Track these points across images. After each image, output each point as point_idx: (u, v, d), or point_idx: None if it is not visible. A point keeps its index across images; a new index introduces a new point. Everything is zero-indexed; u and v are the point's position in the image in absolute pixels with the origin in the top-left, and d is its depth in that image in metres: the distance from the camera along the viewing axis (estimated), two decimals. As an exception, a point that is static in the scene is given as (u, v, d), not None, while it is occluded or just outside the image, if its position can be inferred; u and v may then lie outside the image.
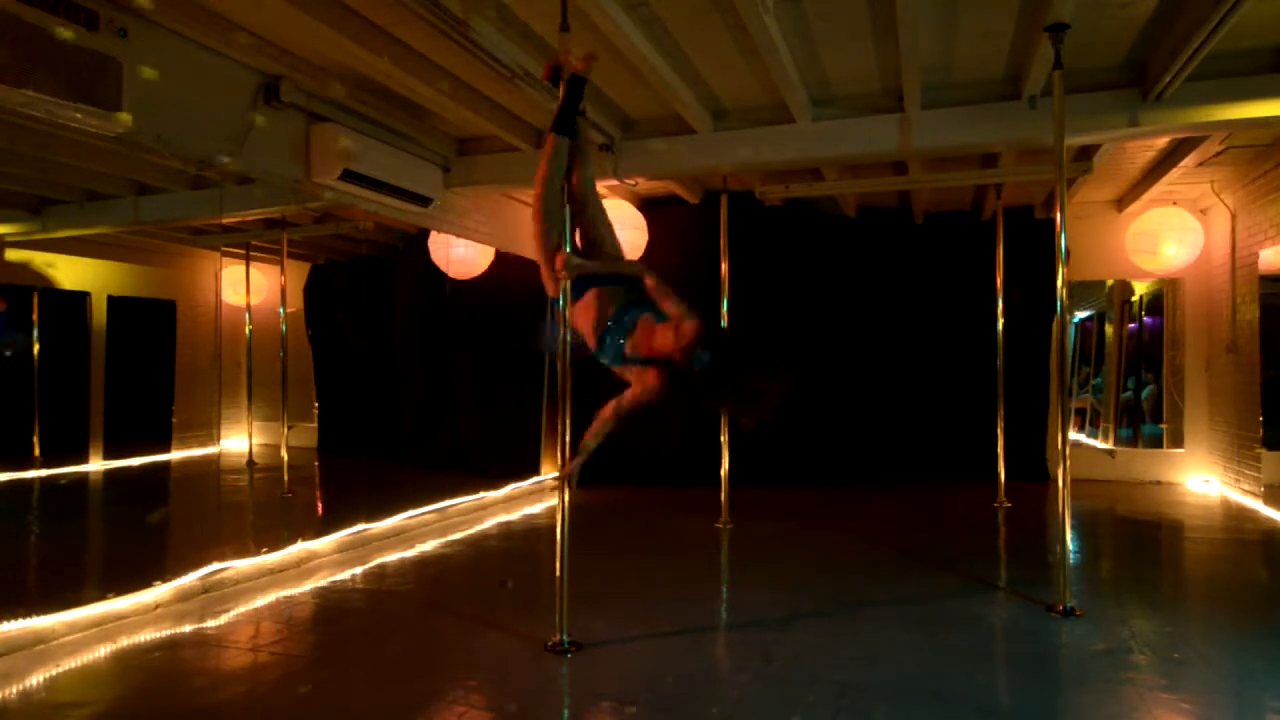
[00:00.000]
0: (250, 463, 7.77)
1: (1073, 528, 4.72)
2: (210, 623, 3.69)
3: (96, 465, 6.75)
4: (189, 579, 4.01)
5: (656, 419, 7.47)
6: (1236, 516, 6.07)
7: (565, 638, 3.32)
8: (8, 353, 6.07)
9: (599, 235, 3.09)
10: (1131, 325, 8.90)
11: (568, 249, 3.05)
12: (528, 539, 5.53)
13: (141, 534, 5.67)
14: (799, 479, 7.45)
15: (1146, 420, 8.62)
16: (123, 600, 3.69)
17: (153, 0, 3.52)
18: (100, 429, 6.72)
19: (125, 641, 3.43)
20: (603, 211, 3.15)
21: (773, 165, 5.53)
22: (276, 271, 7.25)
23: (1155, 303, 8.24)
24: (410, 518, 5.64)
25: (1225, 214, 6.84)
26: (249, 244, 7.24)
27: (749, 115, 5.12)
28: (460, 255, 6.76)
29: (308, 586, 4.29)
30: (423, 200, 5.46)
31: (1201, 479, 7.37)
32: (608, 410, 3.05)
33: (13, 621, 3.29)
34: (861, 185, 6.25)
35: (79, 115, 3.32)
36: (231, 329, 7.59)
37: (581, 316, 2.97)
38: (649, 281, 2.84)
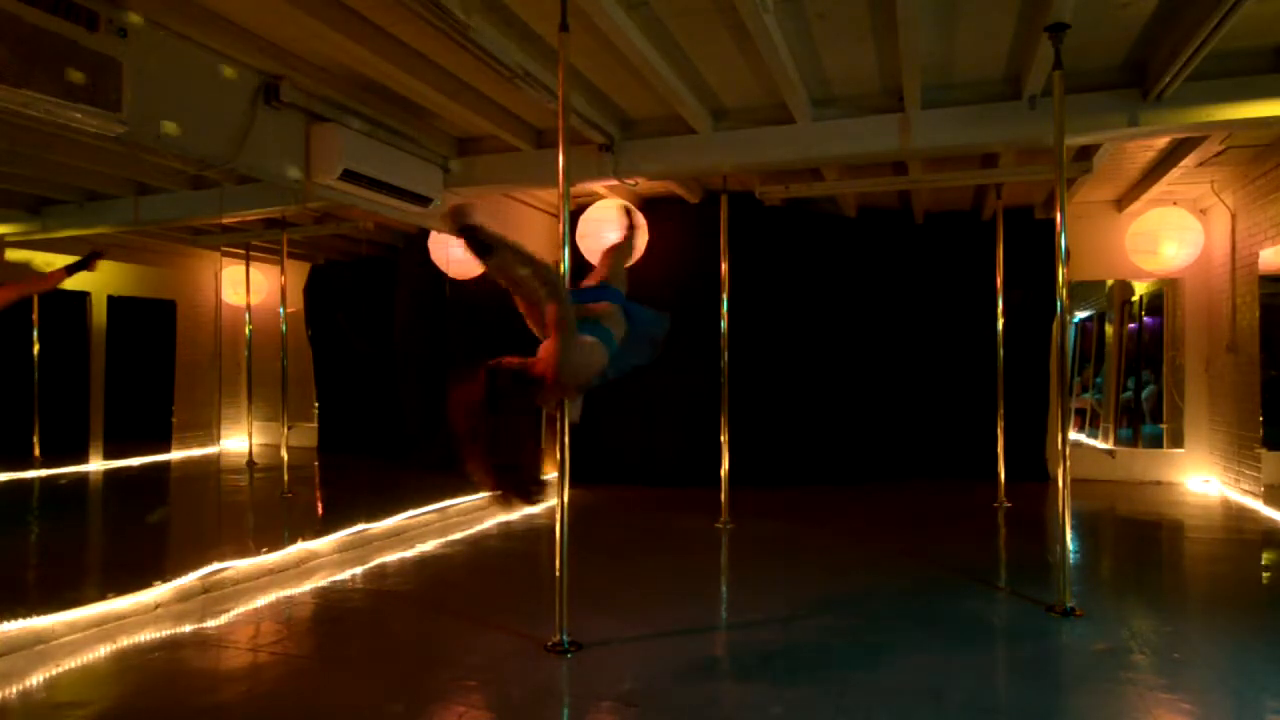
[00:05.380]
0: (250, 463, 7.76)
1: (1073, 528, 4.72)
2: (210, 623, 3.69)
3: (96, 465, 6.74)
4: (189, 579, 4.01)
5: (656, 419, 7.52)
6: (1236, 516, 6.07)
7: (565, 638, 3.32)
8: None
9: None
10: (1131, 325, 8.90)
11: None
12: (528, 539, 5.52)
13: (141, 534, 5.67)
14: (799, 479, 7.45)
15: (1146, 420, 8.62)
16: (123, 600, 3.69)
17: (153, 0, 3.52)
18: (100, 429, 6.71)
19: (125, 641, 3.43)
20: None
21: (773, 165, 5.53)
22: (276, 271, 7.24)
23: (1155, 303, 8.24)
24: (410, 518, 5.64)
25: (1225, 214, 6.84)
26: (249, 244, 7.23)
27: (749, 115, 5.12)
28: (460, 255, 6.74)
29: (308, 586, 4.29)
30: (423, 200, 5.46)
31: (1201, 479, 7.37)
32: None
33: (13, 621, 3.29)
34: (861, 185, 6.25)
35: (79, 115, 3.32)
36: (231, 329, 7.58)
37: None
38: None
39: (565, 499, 3.42)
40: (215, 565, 4.16)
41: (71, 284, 6.52)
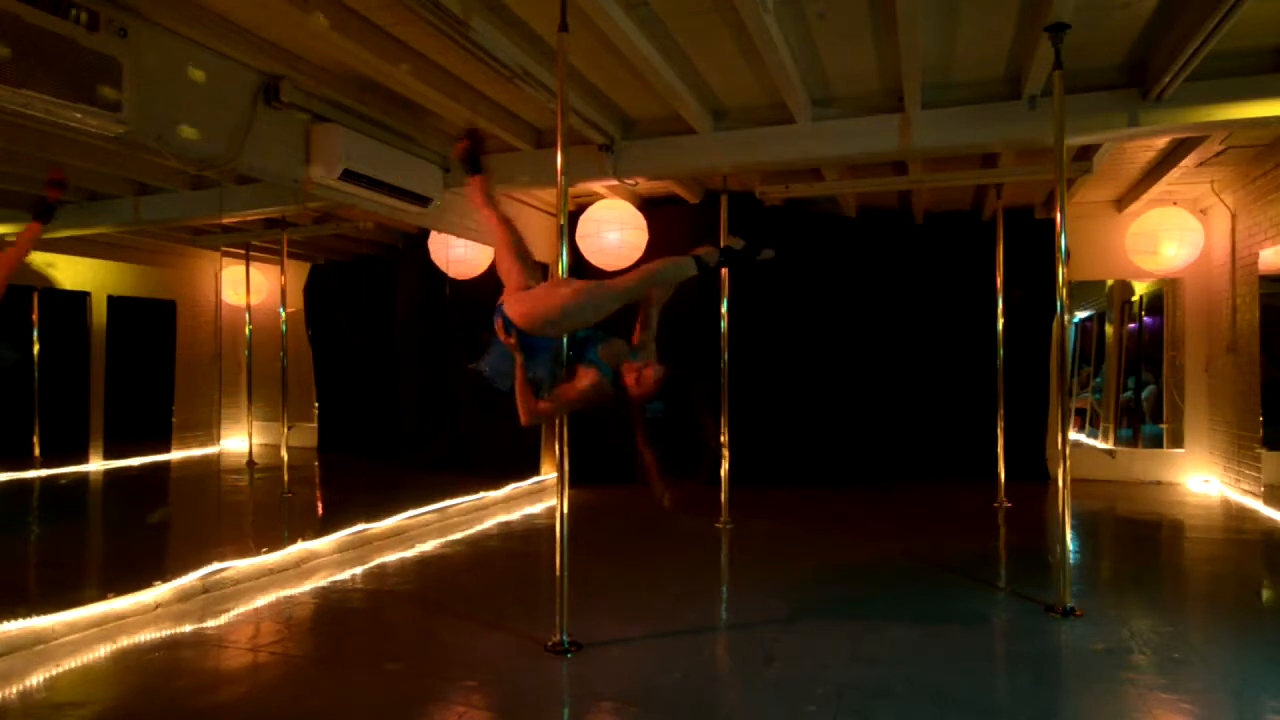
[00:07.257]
0: (250, 463, 7.77)
1: (1073, 528, 4.72)
2: (210, 623, 3.69)
3: (96, 465, 6.74)
4: (189, 579, 4.01)
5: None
6: (1236, 516, 6.07)
7: (565, 638, 3.32)
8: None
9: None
10: (1131, 325, 8.90)
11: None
12: (528, 539, 5.53)
13: (141, 534, 5.67)
14: (799, 479, 7.44)
15: (1146, 420, 8.62)
16: (123, 600, 3.69)
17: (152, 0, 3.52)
18: (100, 429, 6.71)
19: (125, 641, 3.43)
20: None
21: (773, 165, 5.53)
22: (276, 271, 7.25)
23: (1155, 303, 8.23)
24: (410, 518, 5.64)
25: (1225, 214, 6.84)
26: (249, 244, 7.25)
27: (749, 115, 5.12)
28: (460, 255, 6.75)
29: (308, 586, 4.29)
30: (423, 200, 5.46)
31: (1201, 479, 7.37)
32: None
33: (13, 621, 3.29)
34: (861, 185, 6.25)
35: (79, 115, 3.32)
36: (231, 329, 7.59)
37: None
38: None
39: (565, 499, 3.41)
40: (215, 565, 4.16)
41: (71, 284, 6.54)
